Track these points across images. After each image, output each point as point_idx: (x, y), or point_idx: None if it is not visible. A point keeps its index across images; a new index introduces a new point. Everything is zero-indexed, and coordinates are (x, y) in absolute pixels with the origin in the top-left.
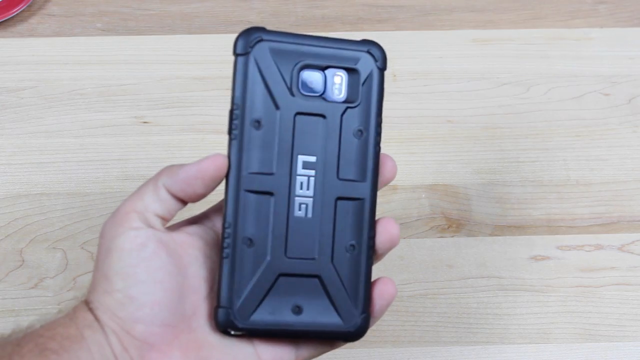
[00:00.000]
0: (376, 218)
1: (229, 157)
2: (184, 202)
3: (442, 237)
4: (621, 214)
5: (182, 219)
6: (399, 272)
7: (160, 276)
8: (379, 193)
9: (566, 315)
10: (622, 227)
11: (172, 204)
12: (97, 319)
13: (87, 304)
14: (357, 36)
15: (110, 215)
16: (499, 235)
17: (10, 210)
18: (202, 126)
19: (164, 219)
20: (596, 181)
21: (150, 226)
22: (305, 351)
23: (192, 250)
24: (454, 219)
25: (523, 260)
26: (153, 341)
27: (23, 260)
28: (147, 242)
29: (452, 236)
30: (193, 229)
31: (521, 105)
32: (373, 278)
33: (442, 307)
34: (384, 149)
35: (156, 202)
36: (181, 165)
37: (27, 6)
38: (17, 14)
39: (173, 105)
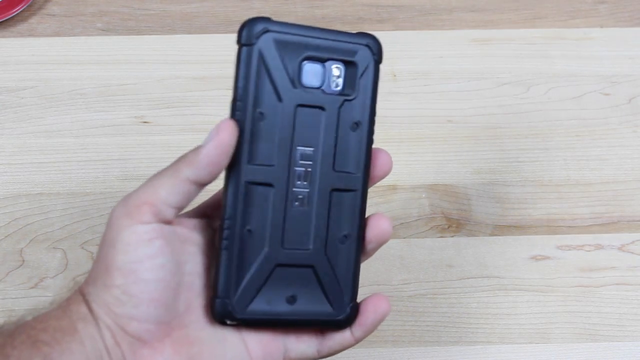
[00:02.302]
0: (369, 214)
1: None
2: (207, 184)
3: (442, 237)
4: (621, 214)
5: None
6: (399, 272)
7: (162, 275)
8: (379, 193)
9: (566, 315)
10: (622, 227)
11: (195, 191)
12: (91, 311)
13: (82, 295)
14: None
15: (119, 203)
16: (499, 235)
17: (10, 210)
18: (202, 126)
19: (180, 209)
20: (596, 181)
21: (161, 219)
22: (294, 345)
23: (191, 247)
24: (454, 219)
25: (523, 260)
26: (146, 338)
27: (23, 260)
28: (155, 238)
29: (452, 236)
30: (194, 223)
31: (521, 105)
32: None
33: (442, 307)
34: (385, 148)
35: (175, 195)
36: (197, 151)
37: (27, 6)
38: (17, 14)
39: (173, 105)
